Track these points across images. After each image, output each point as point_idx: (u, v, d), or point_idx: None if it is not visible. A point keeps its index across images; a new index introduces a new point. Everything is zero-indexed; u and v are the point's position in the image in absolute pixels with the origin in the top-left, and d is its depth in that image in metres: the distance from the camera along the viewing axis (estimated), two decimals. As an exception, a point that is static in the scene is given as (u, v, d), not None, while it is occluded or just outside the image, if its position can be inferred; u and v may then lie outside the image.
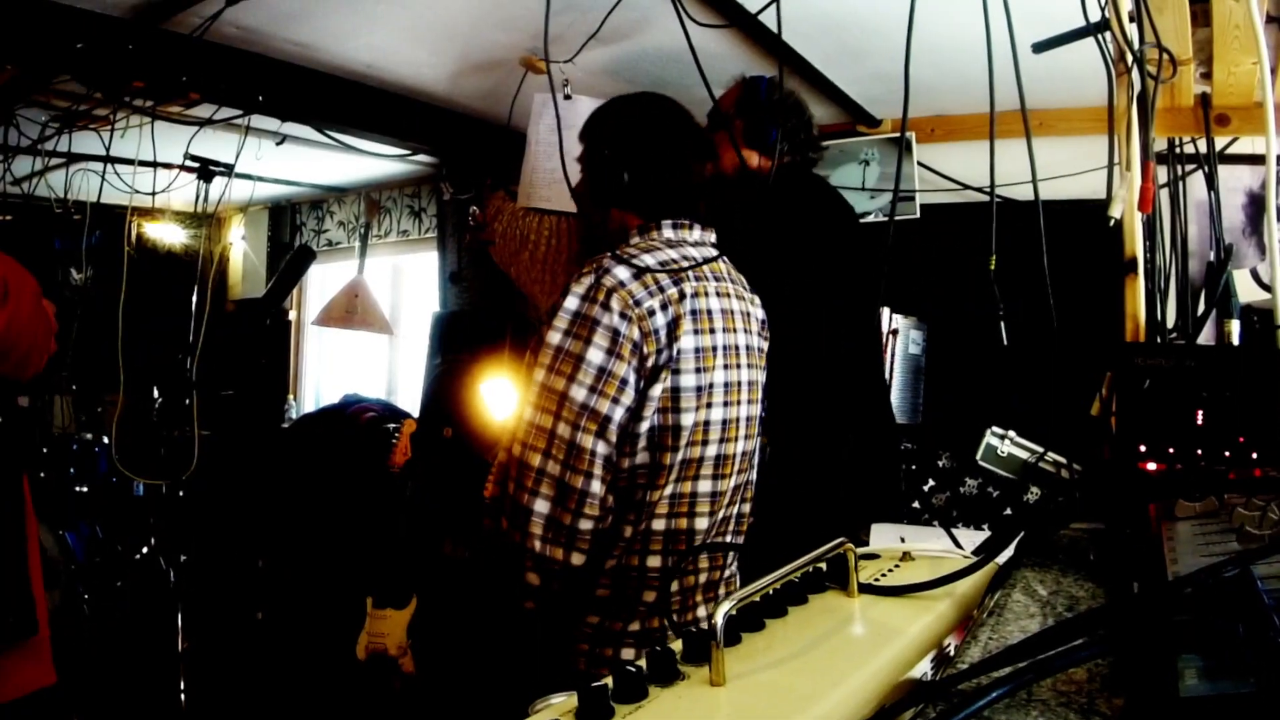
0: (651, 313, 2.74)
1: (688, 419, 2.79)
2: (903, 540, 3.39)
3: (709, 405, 2.85)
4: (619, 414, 2.70)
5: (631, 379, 2.71)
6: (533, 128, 4.62)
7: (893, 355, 4.91)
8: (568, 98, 4.40)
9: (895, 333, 4.90)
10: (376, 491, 5.72)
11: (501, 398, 4.55)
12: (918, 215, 5.49)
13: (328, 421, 6.77)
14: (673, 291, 2.80)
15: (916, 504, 5.11)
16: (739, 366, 2.97)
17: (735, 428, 2.97)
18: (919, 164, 5.51)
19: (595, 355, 2.69)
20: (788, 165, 4.11)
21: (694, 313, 2.82)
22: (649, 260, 2.84)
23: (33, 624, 3.15)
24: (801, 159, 4.17)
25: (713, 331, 2.88)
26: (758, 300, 3.21)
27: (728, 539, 3.09)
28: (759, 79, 4.15)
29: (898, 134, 5.43)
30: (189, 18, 4.39)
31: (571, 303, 2.76)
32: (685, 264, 2.90)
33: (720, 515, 2.98)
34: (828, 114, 5.46)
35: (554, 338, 2.75)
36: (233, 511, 6.79)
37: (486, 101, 5.72)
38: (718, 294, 2.95)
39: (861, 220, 4.69)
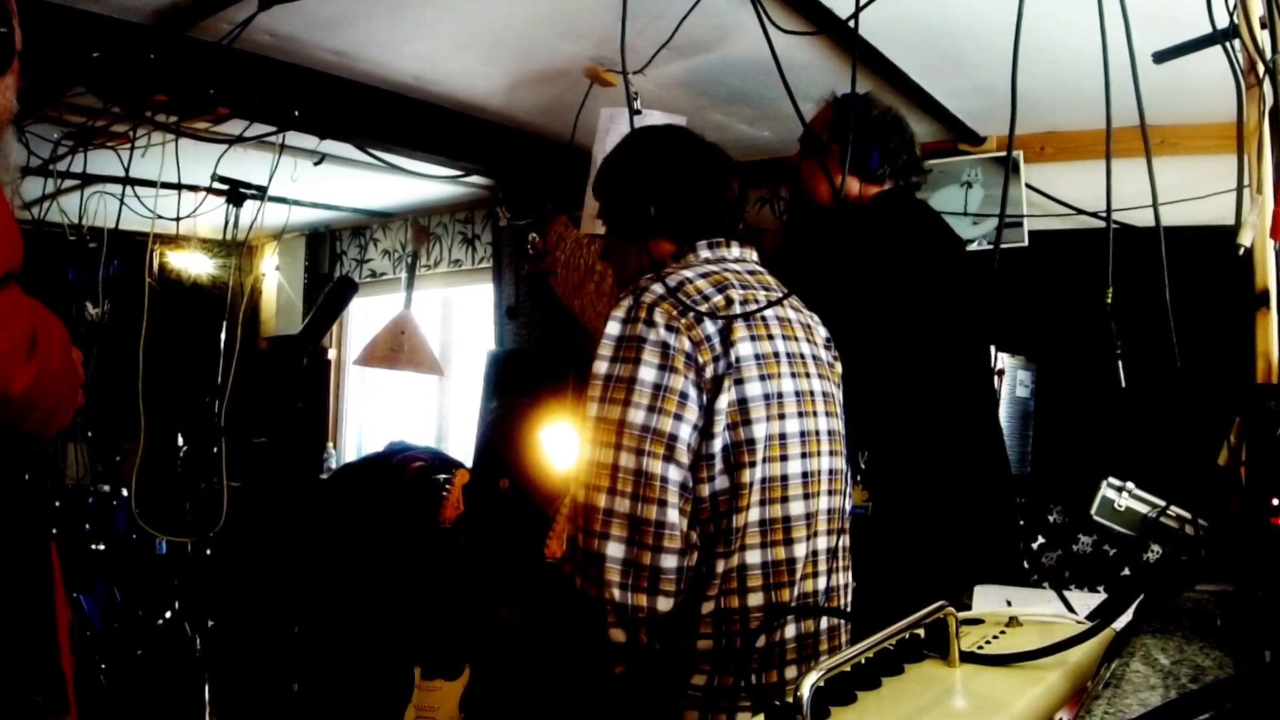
0: (699, 320, 2.77)
1: (760, 431, 2.80)
2: (1009, 603, 3.38)
3: (782, 416, 2.87)
4: (685, 431, 2.72)
5: (692, 392, 2.73)
6: (599, 146, 4.60)
7: (999, 398, 4.88)
8: (638, 113, 4.37)
9: (1001, 373, 4.87)
10: (425, 549, 5.73)
11: (564, 445, 4.55)
12: (1025, 243, 5.44)
13: (371, 472, 6.80)
14: (718, 299, 2.85)
15: (1024, 563, 5.06)
16: (808, 375, 3.00)
17: (816, 440, 2.98)
18: (1027, 186, 5.45)
19: (647, 373, 2.72)
20: (889, 191, 4.11)
21: (747, 319, 2.86)
22: (688, 273, 2.91)
23: (64, 703, 3.14)
24: (903, 183, 4.17)
25: (771, 338, 2.91)
26: (817, 318, 3.25)
27: (836, 575, 3.08)
28: (852, 96, 4.16)
29: (1003, 153, 5.41)
30: (217, 24, 4.39)
31: (613, 328, 2.81)
32: (728, 275, 2.97)
33: (821, 543, 2.98)
34: (926, 131, 5.38)
35: (600, 367, 2.79)
36: (265, 572, 6.81)
37: (547, 117, 5.70)
38: (768, 302, 2.97)
39: (963, 250, 4.67)
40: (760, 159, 6.01)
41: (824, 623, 2.98)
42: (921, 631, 1.68)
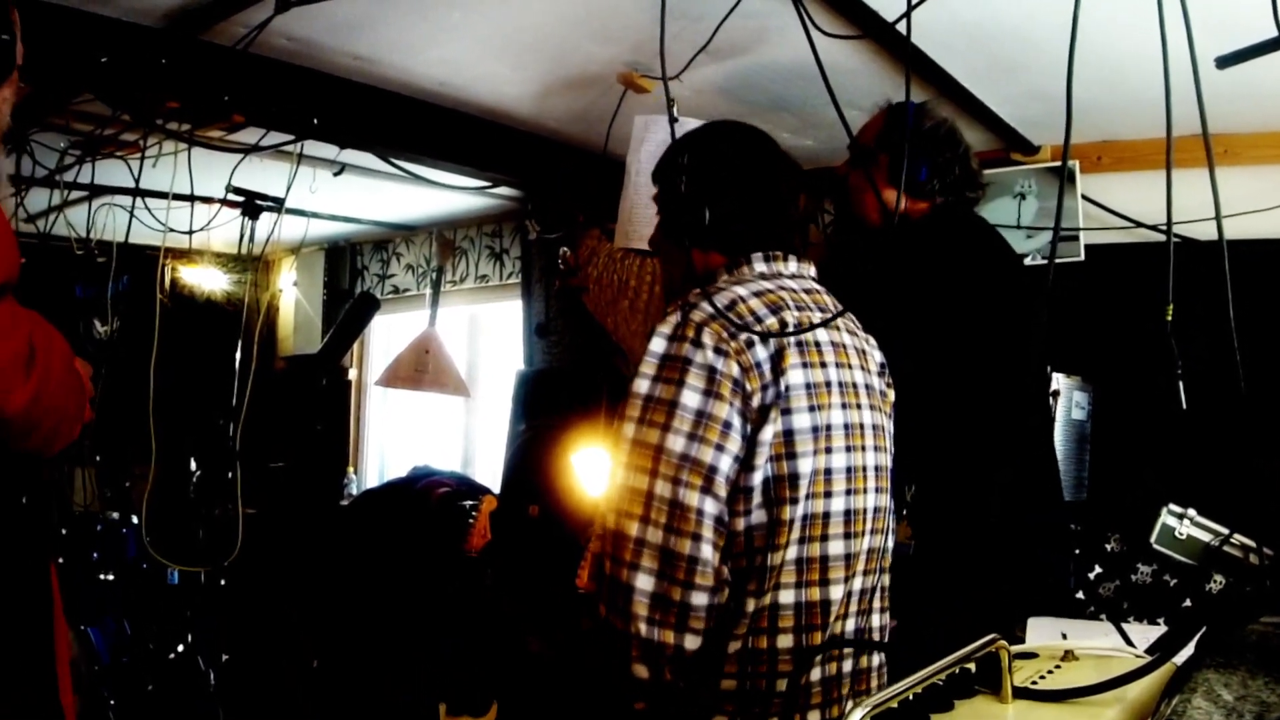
0: (750, 344, 2.74)
1: (805, 465, 2.77)
2: (1064, 636, 3.37)
3: (829, 450, 2.83)
4: (725, 463, 2.69)
5: (736, 421, 2.70)
6: (633, 155, 4.59)
7: (1053, 421, 4.86)
8: (674, 120, 4.35)
9: (1056, 394, 4.85)
10: (450, 580, 5.74)
11: (596, 470, 4.55)
12: (1081, 257, 5.42)
13: (394, 498, 6.81)
14: (772, 321, 2.82)
15: (1080, 594, 5.02)
16: (859, 406, 2.97)
17: (863, 477, 2.94)
18: (1083, 197, 5.42)
19: (690, 398, 2.70)
20: (941, 207, 4.11)
21: (800, 343, 2.83)
22: (741, 291, 2.87)
23: (63, 744, 3.15)
24: (957, 199, 4.16)
25: (824, 365, 2.87)
26: (873, 341, 3.21)
27: (872, 617, 3.05)
28: (905, 106, 4.14)
29: (1058, 163, 5.41)
30: (232, 27, 4.38)
31: (658, 345, 2.79)
32: (784, 294, 2.93)
33: (857, 584, 2.94)
34: (977, 140, 5.29)
35: (641, 386, 2.77)
36: (282, 603, 6.83)
37: (579, 125, 5.72)
38: (826, 326, 2.95)
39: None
40: (805, 169, 6.00)
41: (849, 664, 2.95)
42: (972, 666, 1.69)
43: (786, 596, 2.78)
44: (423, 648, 5.81)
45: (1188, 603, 4.92)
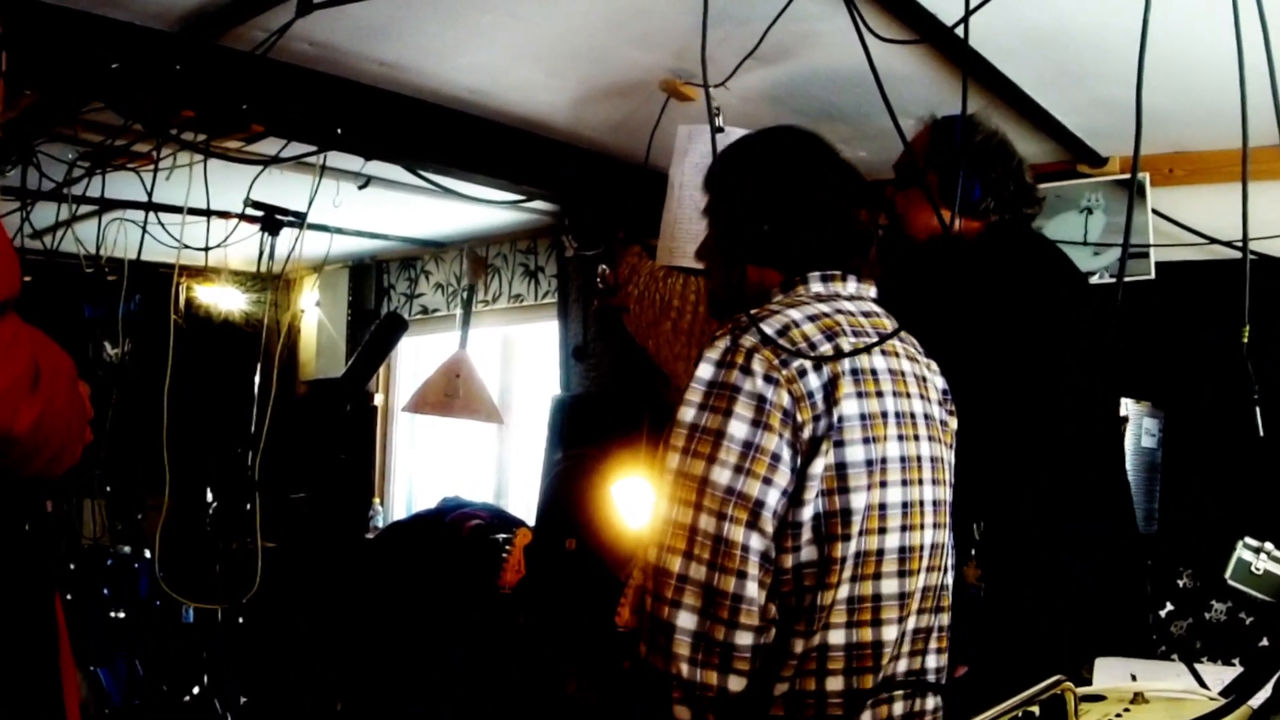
0: (803, 373, 2.74)
1: (859, 500, 2.76)
2: (1134, 678, 3.37)
3: (884, 484, 2.82)
4: (773, 497, 2.69)
5: (785, 454, 2.70)
6: (676, 167, 4.62)
7: (1123, 449, 4.82)
8: (720, 130, 4.33)
9: (1125, 421, 4.84)
10: (482, 617, 5.74)
11: (638, 501, 4.55)
12: (1152, 275, 5.37)
13: (422, 531, 6.82)
14: (827, 348, 2.80)
15: (1151, 633, 4.99)
16: (917, 438, 2.95)
17: (919, 512, 2.92)
18: (1154, 212, 5.37)
19: (738, 428, 2.70)
20: (998, 225, 4.10)
21: (855, 372, 2.82)
22: (795, 315, 2.86)
23: (71, 794, 3.14)
24: (1013, 215, 4.14)
25: (880, 395, 2.86)
26: (935, 366, 3.20)
27: (927, 658, 3.03)
28: (953, 119, 4.11)
29: (1127, 175, 5.36)
30: (251, 31, 4.36)
31: (705, 371, 2.80)
32: (840, 319, 2.92)
33: (911, 624, 2.92)
34: (1041, 151, 5.34)
35: (687, 414, 2.78)
36: (304, 643, 6.84)
37: (618, 135, 5.71)
38: (883, 352, 2.94)
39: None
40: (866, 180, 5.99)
41: (900, 708, 2.93)
42: (1036, 709, 1.69)
43: (836, 637, 2.77)
44: (453, 690, 5.82)
45: (1264, 642, 4.89)
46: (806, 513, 2.72)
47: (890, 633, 2.84)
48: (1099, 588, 3.84)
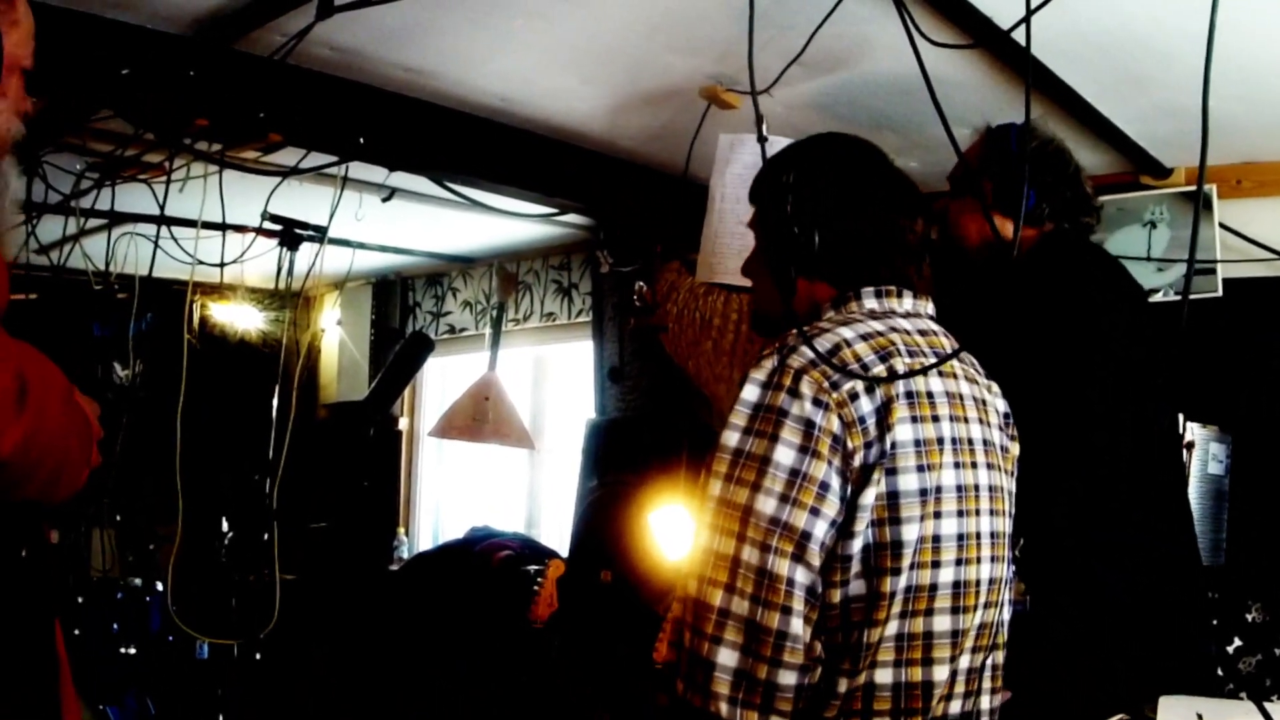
0: (854, 396, 2.71)
1: (911, 532, 2.70)
2: (1200, 717, 3.37)
3: (938, 515, 2.77)
4: (820, 529, 2.64)
5: (834, 482, 2.66)
6: (717, 179, 4.58)
7: (1187, 475, 4.81)
8: (764, 139, 4.31)
9: (1191, 446, 4.82)
10: (513, 652, 5.74)
11: (676, 531, 4.54)
12: (1219, 292, 5.34)
13: (449, 562, 6.82)
14: (880, 369, 2.77)
15: (1218, 670, 4.97)
16: (974, 466, 2.91)
17: (976, 545, 2.87)
18: (1221, 225, 5.36)
19: (785, 455, 2.66)
20: (1053, 234, 4.11)
21: (910, 395, 2.78)
22: (846, 333, 2.83)
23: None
24: (1070, 225, 4.14)
25: (936, 420, 2.82)
26: (996, 389, 3.16)
27: (981, 699, 2.98)
28: (1008, 127, 4.12)
29: (1193, 187, 5.36)
30: (268, 35, 4.37)
31: (751, 393, 2.77)
32: (895, 338, 2.88)
33: (964, 663, 2.87)
34: (1102, 161, 5.34)
35: (731, 439, 2.75)
36: (324, 679, 6.84)
37: (656, 145, 5.71)
38: (940, 373, 2.91)
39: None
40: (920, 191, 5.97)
41: None
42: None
43: (884, 676, 2.73)
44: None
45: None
46: (856, 545, 2.68)
47: (941, 673, 2.80)
48: (1132, 600, 3.84)
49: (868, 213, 3.07)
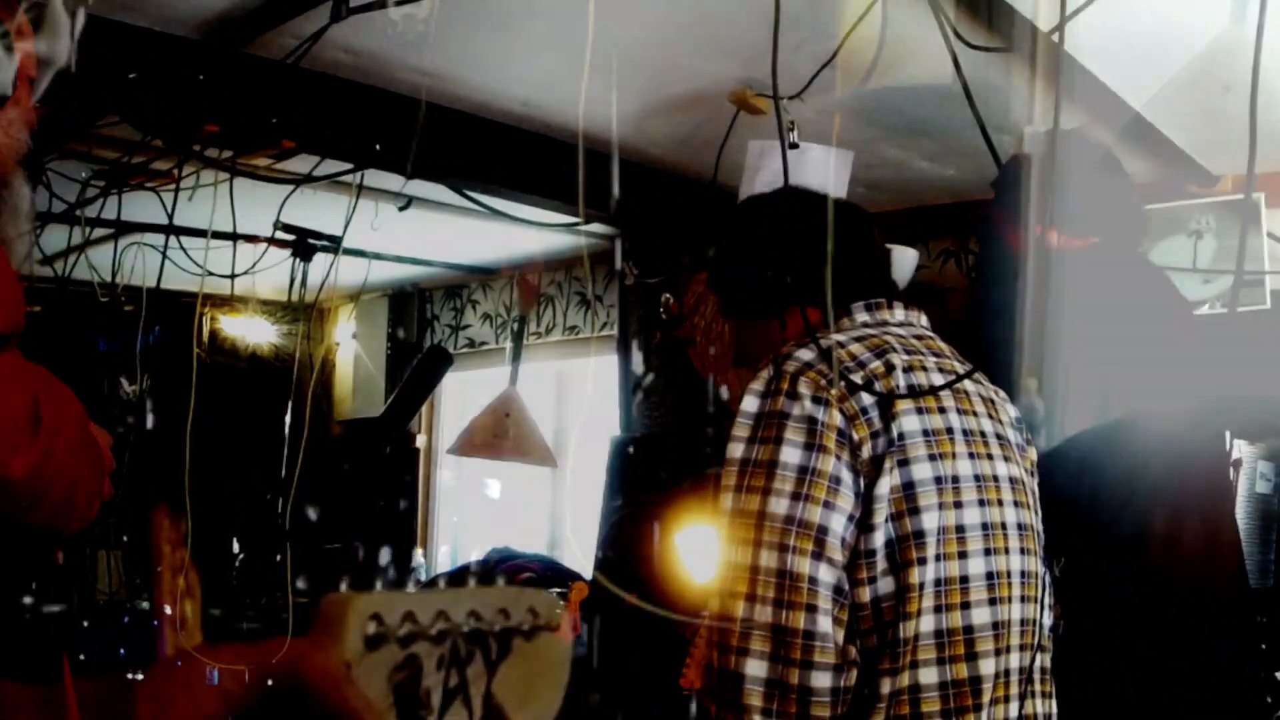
0: (852, 389, 2.75)
1: (930, 521, 2.74)
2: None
3: (958, 505, 2.80)
4: (838, 523, 2.67)
5: (845, 475, 2.70)
6: (746, 187, 4.59)
7: (1235, 495, 4.79)
8: (794, 146, 4.32)
9: (1238, 465, 4.81)
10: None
11: (705, 553, 4.55)
12: (1268, 305, 5.25)
13: (469, 585, 6.83)
14: (877, 365, 2.83)
15: (1268, 698, 4.94)
16: (991, 457, 2.93)
17: (1002, 535, 2.88)
18: (1269, 235, 5.21)
19: (791, 455, 2.70)
20: (1098, 245, 4.10)
21: (912, 387, 2.83)
22: (839, 337, 2.90)
23: None
24: (1116, 235, 4.14)
25: (943, 411, 2.86)
26: (1004, 395, 3.18)
27: (1037, 702, 2.97)
28: (1049, 132, 4.10)
29: (1241, 195, 5.31)
30: (281, 39, 4.39)
31: (750, 404, 2.82)
32: (889, 339, 2.94)
33: (1014, 660, 2.87)
34: (1145, 168, 5.29)
35: (736, 450, 2.80)
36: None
37: (683, 151, 5.72)
38: (940, 370, 2.95)
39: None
40: (944, 202, 6.00)
41: None
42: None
43: (928, 675, 2.72)
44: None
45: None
46: (878, 539, 2.71)
47: (988, 667, 2.79)
48: (1209, 641, 3.84)
49: (845, 235, 3.14)
